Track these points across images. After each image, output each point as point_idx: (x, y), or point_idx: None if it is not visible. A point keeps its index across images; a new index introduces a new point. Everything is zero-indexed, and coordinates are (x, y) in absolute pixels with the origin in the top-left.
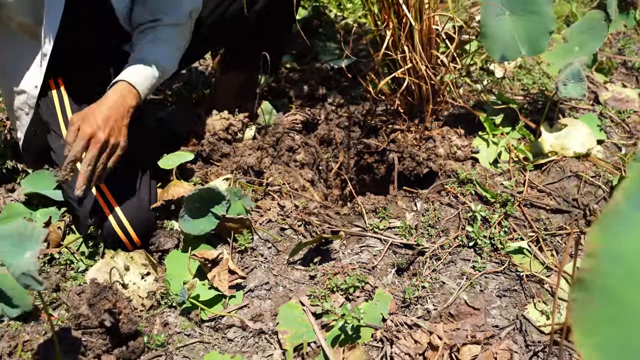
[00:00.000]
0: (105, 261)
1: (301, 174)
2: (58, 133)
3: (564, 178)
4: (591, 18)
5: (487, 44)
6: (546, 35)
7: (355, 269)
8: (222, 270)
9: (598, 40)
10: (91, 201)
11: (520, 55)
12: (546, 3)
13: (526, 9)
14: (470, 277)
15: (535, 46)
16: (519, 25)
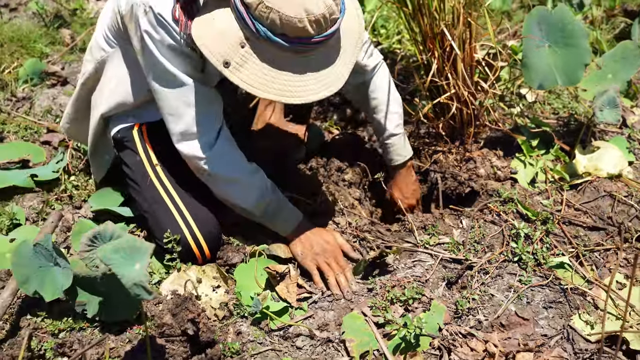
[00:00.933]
0: (179, 274)
1: (349, 192)
2: (134, 149)
3: (598, 197)
4: (624, 48)
5: (527, 74)
6: (582, 67)
7: (411, 282)
8: (291, 283)
9: (632, 69)
10: (168, 216)
11: (556, 85)
12: (583, 37)
13: (565, 42)
14: (517, 290)
15: (572, 77)
16: (557, 57)
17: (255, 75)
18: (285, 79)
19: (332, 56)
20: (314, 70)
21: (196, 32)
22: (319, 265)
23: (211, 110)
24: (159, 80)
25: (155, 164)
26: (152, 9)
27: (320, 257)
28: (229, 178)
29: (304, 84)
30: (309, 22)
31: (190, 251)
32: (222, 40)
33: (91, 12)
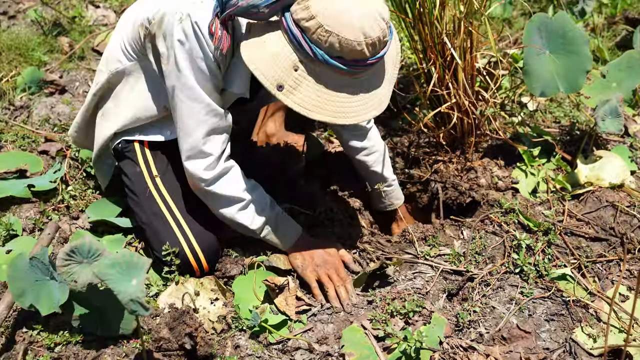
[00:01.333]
0: (176, 287)
1: (349, 202)
2: (134, 160)
3: (600, 208)
4: (630, 57)
5: (529, 81)
6: (583, 74)
7: (411, 294)
8: (290, 296)
9: (637, 78)
10: (166, 228)
11: (558, 92)
12: (583, 43)
13: (565, 49)
14: (519, 302)
15: (573, 84)
16: (559, 64)
17: (310, 97)
18: (340, 101)
19: (380, 76)
20: (365, 91)
21: (248, 56)
22: (319, 277)
23: (221, 133)
24: (178, 93)
25: (155, 176)
26: (189, 17)
27: (321, 268)
28: (229, 197)
29: (356, 105)
30: (366, 45)
31: (188, 264)
32: (275, 64)
33: (90, 20)
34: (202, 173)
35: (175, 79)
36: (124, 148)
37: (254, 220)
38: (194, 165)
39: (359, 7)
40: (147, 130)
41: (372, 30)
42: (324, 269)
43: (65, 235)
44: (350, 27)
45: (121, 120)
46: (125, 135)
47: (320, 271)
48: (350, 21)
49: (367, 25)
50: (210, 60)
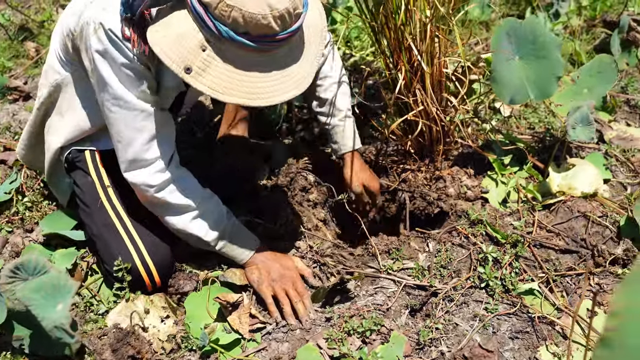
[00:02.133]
0: (126, 304)
1: (314, 213)
2: (85, 170)
3: (572, 218)
4: (601, 62)
5: (497, 88)
6: (555, 80)
7: (371, 310)
8: (243, 313)
9: (607, 84)
10: (118, 241)
11: (529, 99)
12: (555, 48)
13: (536, 55)
14: (483, 319)
15: (544, 90)
16: (529, 70)
17: (220, 79)
18: (251, 81)
19: (297, 53)
20: (280, 68)
21: (152, 39)
22: (275, 293)
23: (163, 136)
24: (109, 104)
25: (107, 186)
26: (102, 26)
27: (277, 283)
28: (182, 206)
29: (271, 84)
30: (273, 18)
31: (139, 279)
32: (181, 45)
33: None
34: (149, 179)
35: (104, 91)
36: (75, 158)
37: (209, 231)
38: (138, 175)
39: None
40: (98, 139)
41: (278, 2)
42: (280, 283)
43: (17, 249)
44: (251, 5)
45: (66, 132)
46: (75, 146)
47: (276, 286)
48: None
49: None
50: (135, 64)
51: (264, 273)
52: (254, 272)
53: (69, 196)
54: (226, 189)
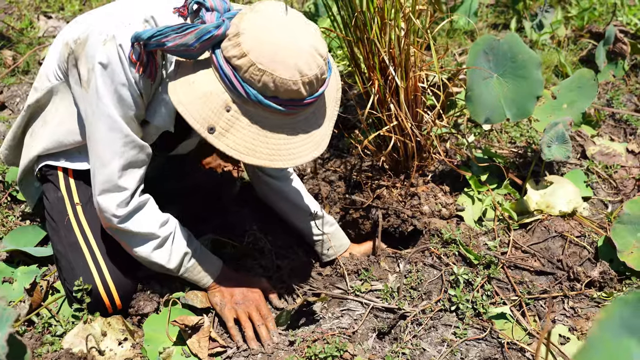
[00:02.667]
0: (83, 326)
1: (282, 231)
2: (55, 184)
3: (549, 238)
4: (581, 76)
5: (472, 108)
6: (533, 99)
7: (335, 335)
8: (203, 337)
9: (587, 100)
10: (80, 260)
11: (505, 119)
12: (535, 67)
13: (515, 73)
14: (451, 344)
15: (522, 110)
16: (507, 89)
17: (243, 140)
18: (275, 142)
19: (320, 115)
20: (304, 131)
21: (175, 97)
22: (237, 316)
23: (139, 167)
24: (95, 121)
25: (77, 203)
26: (114, 39)
27: (240, 306)
28: (145, 235)
29: (294, 146)
30: (302, 84)
31: (99, 300)
32: (205, 105)
33: (39, 31)
34: (115, 209)
35: (94, 104)
36: (47, 171)
37: (171, 258)
38: (108, 200)
39: (294, 42)
40: (73, 157)
41: (308, 68)
42: (243, 306)
43: None
44: (284, 64)
45: (44, 142)
46: (49, 160)
47: (239, 309)
48: (285, 59)
49: (303, 62)
50: (133, 88)
51: (227, 296)
52: (216, 295)
53: (36, 201)
54: (195, 205)
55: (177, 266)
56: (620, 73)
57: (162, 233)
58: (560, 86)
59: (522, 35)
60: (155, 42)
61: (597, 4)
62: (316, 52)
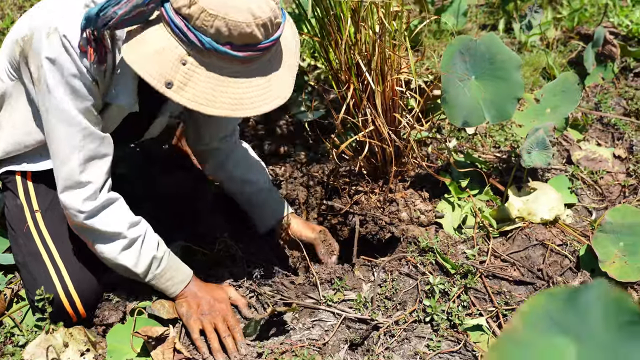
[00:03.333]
0: (45, 337)
1: (254, 238)
2: (14, 191)
3: (529, 247)
4: (565, 80)
5: (449, 111)
6: (513, 101)
7: (305, 346)
8: (167, 348)
9: (571, 105)
10: (41, 269)
11: (484, 121)
12: (515, 68)
13: (494, 75)
14: (424, 357)
15: (502, 112)
16: (486, 92)
17: (202, 92)
18: (234, 92)
19: (276, 63)
20: (262, 75)
21: (129, 57)
22: (203, 327)
23: (101, 161)
24: (50, 117)
25: (36, 210)
26: (57, 31)
27: (207, 317)
28: (112, 234)
29: (255, 94)
30: (256, 27)
31: (62, 309)
32: (160, 60)
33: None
34: (81, 205)
35: (47, 101)
36: (5, 179)
37: (139, 262)
38: (71, 197)
39: None
40: (34, 158)
41: (261, 10)
42: (209, 317)
43: None
44: (236, 8)
45: (3, 145)
46: (10, 165)
47: (204, 320)
48: (236, 2)
49: (255, 5)
50: (86, 78)
51: (193, 306)
52: (182, 305)
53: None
54: (165, 210)
55: (145, 271)
56: (609, 76)
57: (130, 234)
58: (544, 90)
59: (511, 37)
60: (105, 16)
61: (588, 4)
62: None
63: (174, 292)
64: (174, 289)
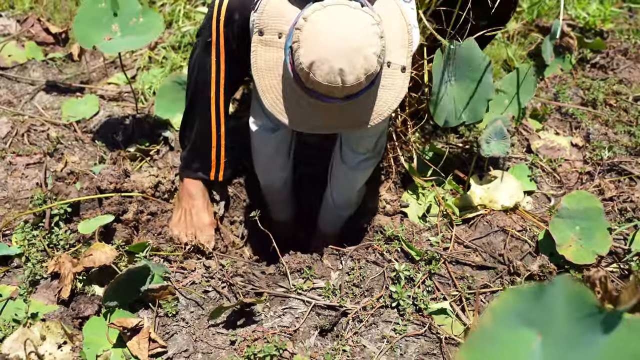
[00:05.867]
0: (23, 330)
1: (232, 229)
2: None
3: (490, 233)
4: (522, 72)
5: (435, 111)
6: (484, 102)
7: (276, 333)
8: (143, 338)
9: (527, 95)
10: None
11: (461, 121)
12: (489, 71)
13: (471, 77)
14: (391, 341)
15: (475, 113)
16: (463, 93)
17: (268, 64)
18: (290, 101)
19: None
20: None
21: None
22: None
23: None
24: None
25: None
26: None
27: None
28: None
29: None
30: (338, 91)
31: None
32: (278, 16)
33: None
34: None
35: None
36: None
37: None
38: None
39: (344, 40)
40: None
41: (351, 76)
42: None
43: None
44: (327, 64)
45: None
46: None
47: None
48: (336, 51)
49: (347, 69)
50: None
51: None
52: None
53: None
54: None
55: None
56: (567, 67)
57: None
58: (503, 82)
59: None
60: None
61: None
62: (365, 54)
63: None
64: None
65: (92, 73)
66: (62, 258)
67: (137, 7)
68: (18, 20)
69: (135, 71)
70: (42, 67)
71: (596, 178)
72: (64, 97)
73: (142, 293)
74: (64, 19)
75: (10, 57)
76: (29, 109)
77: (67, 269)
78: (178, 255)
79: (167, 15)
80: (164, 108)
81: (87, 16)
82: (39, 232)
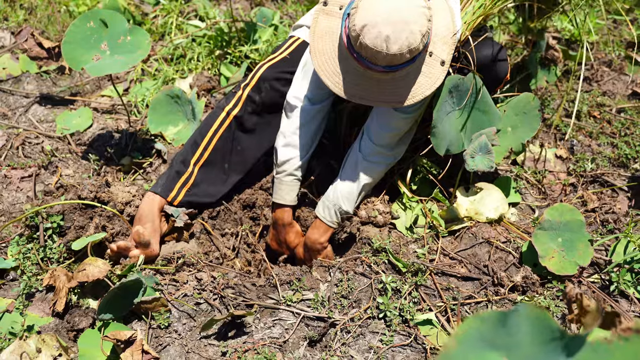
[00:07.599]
0: (19, 343)
1: (223, 241)
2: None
3: (476, 244)
4: (527, 101)
5: (436, 141)
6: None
7: (266, 345)
8: (136, 350)
9: (530, 131)
10: None
11: (463, 148)
12: (493, 103)
13: (477, 107)
14: (378, 351)
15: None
16: (468, 122)
17: (325, 32)
18: (339, 67)
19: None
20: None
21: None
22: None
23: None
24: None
25: None
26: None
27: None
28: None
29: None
30: (382, 57)
31: None
32: None
33: None
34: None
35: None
36: None
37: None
38: None
39: (396, 12)
40: None
41: (394, 45)
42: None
43: None
44: (376, 29)
45: None
46: None
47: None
48: (388, 15)
49: (392, 37)
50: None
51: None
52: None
53: None
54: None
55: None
56: (552, 79)
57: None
58: (508, 105)
59: None
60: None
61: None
62: (409, 27)
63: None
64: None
65: (86, 85)
66: (57, 271)
67: (125, 26)
68: (12, 32)
69: (128, 83)
70: (36, 80)
71: (579, 189)
72: (57, 110)
73: (135, 305)
74: (58, 31)
75: (4, 69)
76: (24, 122)
77: (62, 282)
78: (170, 267)
79: (159, 27)
80: (157, 121)
81: (76, 37)
82: (32, 245)
